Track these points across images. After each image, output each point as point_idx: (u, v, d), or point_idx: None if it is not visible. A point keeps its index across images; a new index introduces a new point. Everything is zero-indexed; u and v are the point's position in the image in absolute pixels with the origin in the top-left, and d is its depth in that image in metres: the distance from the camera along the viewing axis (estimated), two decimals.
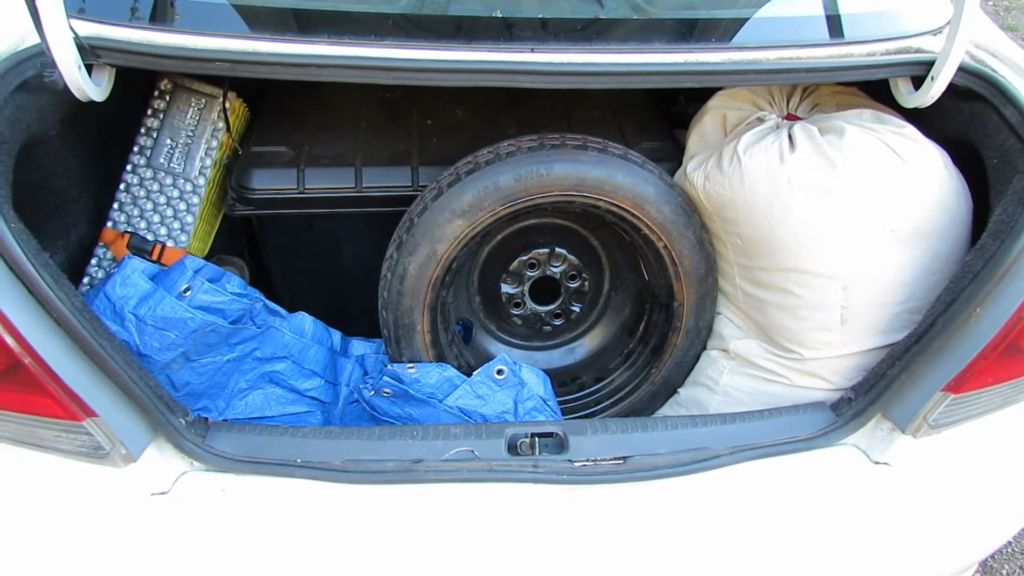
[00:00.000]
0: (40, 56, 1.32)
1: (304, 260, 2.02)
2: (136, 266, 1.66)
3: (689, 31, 1.52)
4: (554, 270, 1.94)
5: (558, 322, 2.02)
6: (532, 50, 1.38)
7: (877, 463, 1.47)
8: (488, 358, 1.79)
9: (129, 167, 1.85)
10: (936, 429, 1.44)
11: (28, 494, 1.35)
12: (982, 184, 1.51)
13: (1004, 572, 2.43)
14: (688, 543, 1.45)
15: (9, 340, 1.15)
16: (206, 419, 1.45)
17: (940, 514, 1.53)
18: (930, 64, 1.49)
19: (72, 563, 1.36)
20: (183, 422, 1.36)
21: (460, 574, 1.41)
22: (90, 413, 1.23)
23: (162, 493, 1.34)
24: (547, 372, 1.78)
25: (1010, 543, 2.50)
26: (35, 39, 1.31)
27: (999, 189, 1.44)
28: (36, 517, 1.36)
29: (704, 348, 1.87)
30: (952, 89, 1.49)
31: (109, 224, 1.84)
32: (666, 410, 1.92)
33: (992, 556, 2.46)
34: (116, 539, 1.36)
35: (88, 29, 1.33)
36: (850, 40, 1.51)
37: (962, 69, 1.47)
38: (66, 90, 1.33)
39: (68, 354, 1.22)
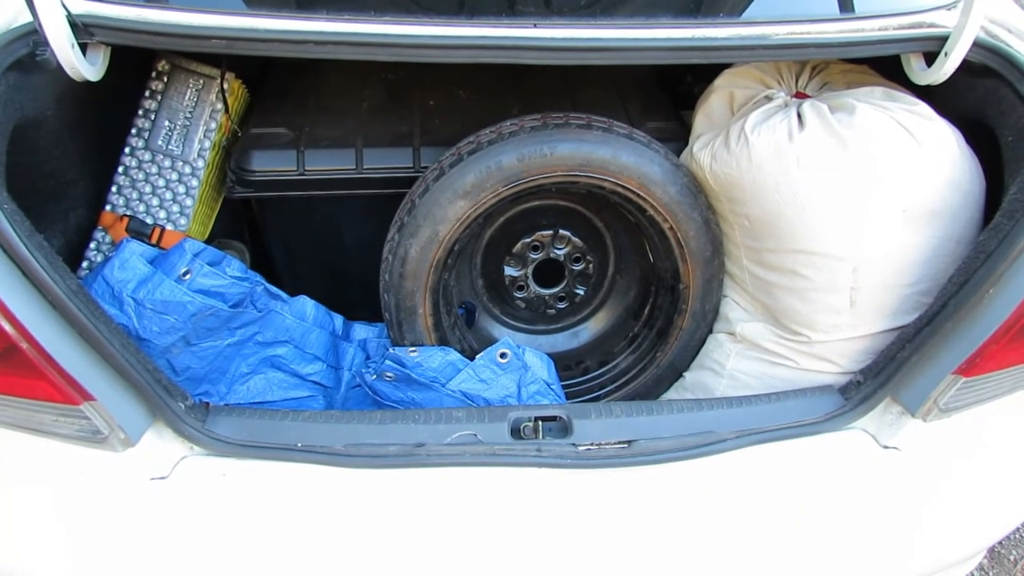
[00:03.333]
0: (33, 34, 1.30)
1: (305, 243, 2.00)
2: (135, 249, 1.64)
3: (696, 6, 1.48)
4: (558, 252, 1.92)
5: (562, 305, 2.00)
6: (535, 25, 1.35)
7: (886, 447, 1.45)
8: (491, 342, 1.77)
9: (127, 150, 1.83)
10: (946, 413, 1.42)
11: (27, 478, 1.34)
12: (996, 163, 1.48)
13: (1012, 557, 2.41)
14: (694, 528, 1.43)
15: (4, 324, 1.14)
16: (207, 403, 1.44)
17: (949, 500, 1.51)
18: (943, 39, 1.45)
19: (71, 548, 1.35)
20: (182, 406, 1.34)
21: (463, 559, 1.40)
22: (87, 397, 1.22)
23: (162, 478, 1.33)
24: (551, 356, 1.76)
25: (1019, 528, 2.48)
26: (27, 17, 1.28)
27: (1014, 167, 1.41)
28: (35, 501, 1.35)
29: (710, 331, 1.85)
30: (966, 65, 1.45)
31: (107, 207, 1.82)
32: (672, 394, 1.90)
33: (999, 541, 2.44)
34: (115, 524, 1.35)
35: (81, 6, 1.31)
36: (862, 15, 1.48)
37: (976, 44, 1.43)
38: (60, 70, 1.31)
39: (64, 338, 1.20)
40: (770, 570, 1.48)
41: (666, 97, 2.07)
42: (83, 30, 1.31)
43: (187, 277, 1.66)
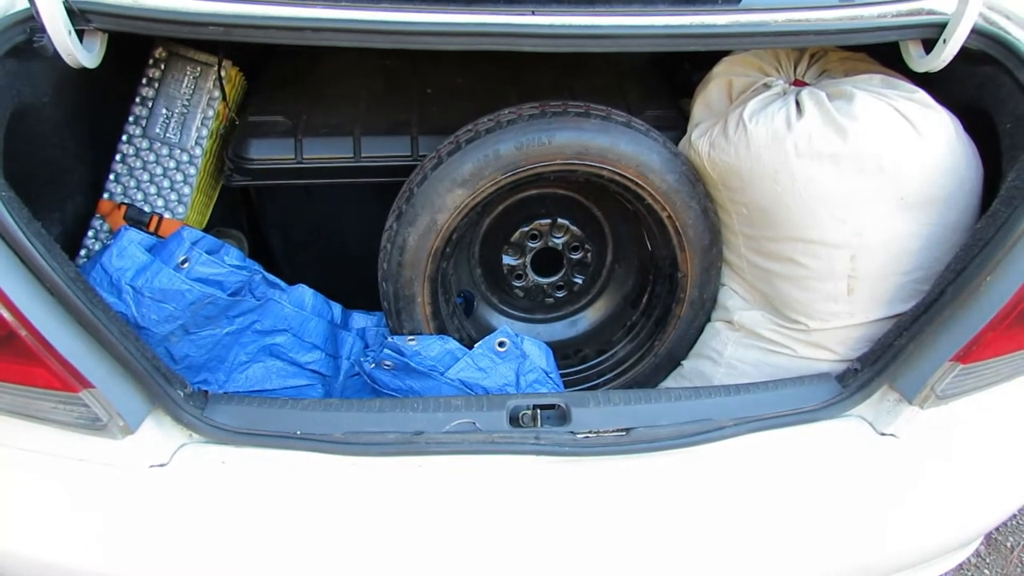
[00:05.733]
0: (30, 21, 1.29)
1: (303, 232, 2.00)
2: (133, 238, 1.64)
3: None
4: (556, 241, 1.92)
5: (560, 294, 2.00)
6: (533, 12, 1.35)
7: (883, 434, 1.45)
8: (490, 331, 1.77)
9: (124, 137, 1.83)
10: (943, 400, 1.42)
11: (26, 465, 1.34)
12: (994, 150, 1.48)
13: (1008, 544, 2.43)
14: (691, 515, 1.44)
15: (3, 311, 1.14)
16: (205, 392, 1.44)
17: (946, 486, 1.52)
18: (942, 26, 1.45)
19: (70, 534, 1.36)
20: (181, 394, 1.34)
21: (462, 546, 1.41)
22: (86, 384, 1.22)
23: (161, 465, 1.33)
24: (549, 345, 1.76)
25: (1015, 515, 2.49)
26: (24, 3, 1.27)
27: (1012, 155, 1.41)
28: (34, 488, 1.35)
29: (708, 320, 1.85)
30: (964, 52, 1.45)
31: (105, 195, 1.82)
32: (669, 382, 1.90)
33: (997, 528, 2.46)
34: (115, 511, 1.35)
35: None
36: (860, 2, 1.47)
37: (975, 31, 1.43)
38: (57, 56, 1.30)
39: (63, 325, 1.20)
40: (769, 557, 1.49)
41: (664, 85, 2.07)
42: (80, 16, 1.31)
43: (185, 265, 1.66)
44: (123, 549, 1.37)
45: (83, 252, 1.79)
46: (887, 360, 1.43)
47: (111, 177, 1.82)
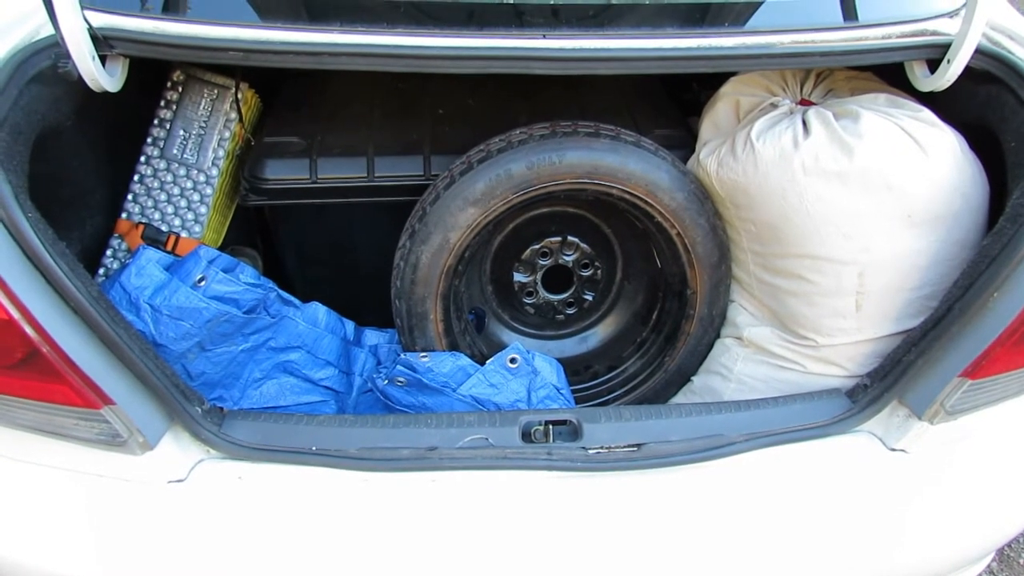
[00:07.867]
0: (55, 47, 1.33)
1: (317, 250, 2.03)
2: (151, 256, 1.67)
3: (702, 15, 1.50)
4: (566, 259, 1.94)
5: (571, 311, 2.02)
6: (544, 36, 1.37)
7: (893, 450, 1.46)
8: (501, 347, 1.79)
9: (143, 158, 1.86)
10: (953, 415, 1.43)
11: (47, 481, 1.36)
12: (999, 167, 1.50)
13: (1022, 561, 2.41)
14: (702, 530, 1.44)
15: (27, 328, 1.16)
16: (222, 408, 1.46)
17: (957, 502, 1.52)
18: (946, 47, 1.47)
19: (91, 549, 1.38)
20: (199, 410, 1.36)
21: (475, 561, 1.42)
22: (108, 401, 1.24)
23: (179, 481, 1.35)
24: (560, 361, 1.78)
25: None
26: (49, 30, 1.31)
27: (1017, 172, 1.42)
28: (55, 504, 1.37)
29: (718, 336, 1.86)
30: (968, 72, 1.47)
31: (124, 215, 1.85)
32: (680, 398, 1.91)
33: (1009, 545, 2.44)
34: (134, 525, 1.37)
35: (102, 20, 1.34)
36: (865, 23, 1.49)
37: (979, 51, 1.45)
38: (80, 81, 1.34)
39: (85, 343, 1.23)
40: (779, 572, 1.49)
41: (673, 104, 2.10)
42: (103, 43, 1.34)
43: (202, 284, 1.68)
44: (142, 564, 1.39)
45: (101, 271, 1.82)
46: (896, 376, 1.44)
47: (129, 197, 1.86)
